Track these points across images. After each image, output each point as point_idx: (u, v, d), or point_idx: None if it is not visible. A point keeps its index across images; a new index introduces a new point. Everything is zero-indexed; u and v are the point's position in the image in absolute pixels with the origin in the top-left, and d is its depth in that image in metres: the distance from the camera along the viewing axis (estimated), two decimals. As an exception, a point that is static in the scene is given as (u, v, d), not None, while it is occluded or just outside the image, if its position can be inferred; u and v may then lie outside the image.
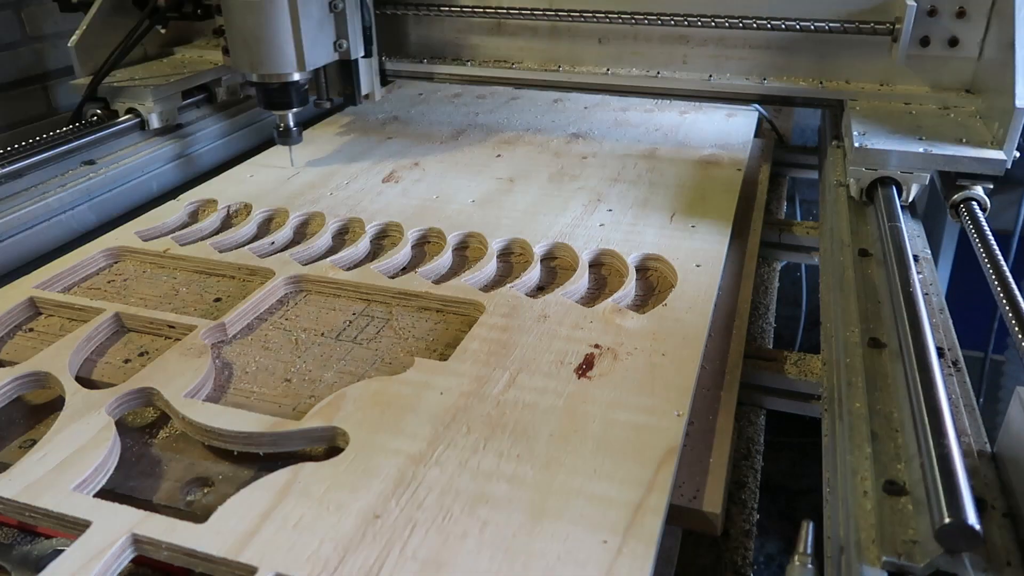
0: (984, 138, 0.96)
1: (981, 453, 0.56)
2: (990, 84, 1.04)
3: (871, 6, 1.12)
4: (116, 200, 1.18)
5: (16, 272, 0.99)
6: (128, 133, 1.27)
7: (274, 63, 1.09)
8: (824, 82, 1.19)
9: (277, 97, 1.15)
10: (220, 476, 0.64)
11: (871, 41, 1.13)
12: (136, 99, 1.26)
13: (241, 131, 1.44)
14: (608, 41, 1.29)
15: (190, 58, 1.45)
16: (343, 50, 1.19)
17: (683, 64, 1.27)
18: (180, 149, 1.31)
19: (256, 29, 1.06)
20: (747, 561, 0.62)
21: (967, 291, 1.49)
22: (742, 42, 1.22)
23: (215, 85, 1.41)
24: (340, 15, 1.16)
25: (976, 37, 1.08)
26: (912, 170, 0.93)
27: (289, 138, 1.20)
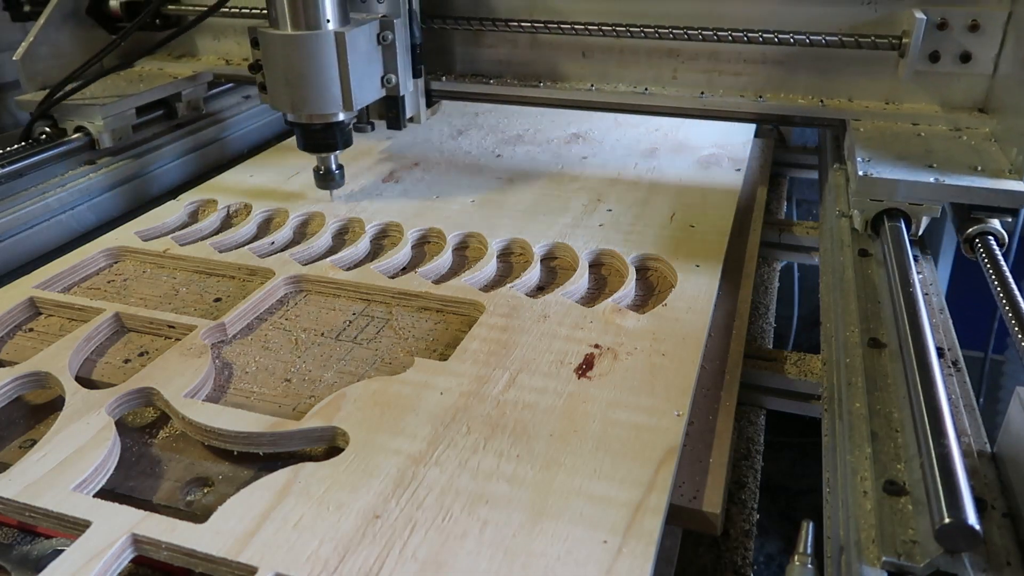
0: (1001, 166, 0.88)
1: (981, 453, 0.56)
2: (1006, 103, 0.96)
3: (876, 18, 1.04)
4: (116, 200, 1.17)
5: (16, 272, 0.99)
6: (77, 153, 1.17)
7: (318, 103, 0.99)
8: (825, 100, 1.10)
9: (320, 139, 1.03)
10: (220, 476, 0.64)
11: (876, 56, 1.05)
12: (85, 117, 1.17)
13: (202, 149, 1.34)
14: (592, 55, 1.20)
15: (149, 71, 1.35)
16: (391, 86, 1.08)
17: (673, 80, 1.18)
18: (133, 171, 1.20)
19: (299, 67, 0.96)
20: (747, 561, 0.62)
21: (967, 291, 1.49)
22: (736, 57, 1.13)
23: (175, 100, 1.32)
24: (388, 48, 1.05)
25: (990, 52, 0.99)
26: (922, 202, 0.85)
27: (332, 182, 1.09)
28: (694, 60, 1.16)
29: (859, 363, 0.66)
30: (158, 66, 1.38)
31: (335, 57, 0.97)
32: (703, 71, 1.17)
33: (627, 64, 1.20)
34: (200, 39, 1.42)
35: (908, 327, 0.65)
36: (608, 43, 1.19)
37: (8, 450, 0.67)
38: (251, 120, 1.47)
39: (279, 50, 0.97)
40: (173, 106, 1.33)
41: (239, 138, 1.43)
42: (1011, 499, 0.52)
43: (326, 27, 0.96)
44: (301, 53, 0.96)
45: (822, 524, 0.56)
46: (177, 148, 1.30)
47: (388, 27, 1.04)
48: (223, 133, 1.40)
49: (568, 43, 1.20)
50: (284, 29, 0.96)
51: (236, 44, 1.40)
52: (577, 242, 0.97)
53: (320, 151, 1.06)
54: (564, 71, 1.23)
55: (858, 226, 0.89)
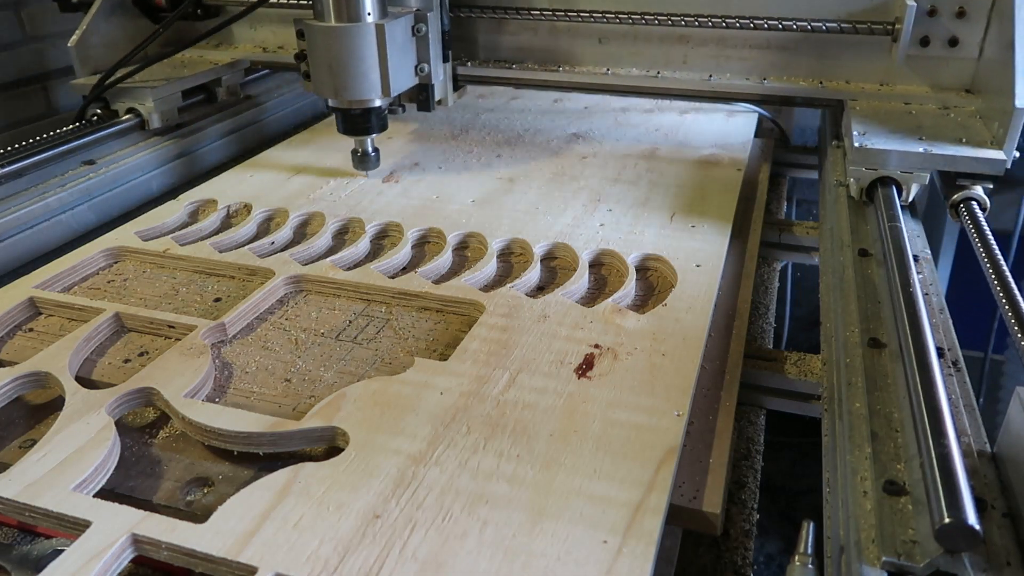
0: (984, 138, 0.96)
1: (981, 453, 0.56)
2: (990, 84, 1.04)
3: (871, 6, 1.12)
4: (116, 200, 1.18)
5: (16, 272, 0.99)
6: (128, 133, 1.27)
7: (359, 90, 1.07)
8: (824, 82, 1.19)
9: (358, 123, 1.12)
10: (220, 476, 0.64)
11: (871, 41, 1.13)
12: (136, 99, 1.26)
13: (241, 131, 1.44)
14: (608, 41, 1.28)
15: (191, 58, 1.46)
16: (424, 74, 1.17)
17: (683, 64, 1.27)
18: (180, 149, 1.31)
19: (342, 56, 1.04)
20: (747, 561, 0.62)
21: (967, 291, 1.49)
22: (742, 42, 1.22)
23: (215, 85, 1.42)
24: (422, 39, 1.15)
25: (976, 37, 1.08)
26: (912, 170, 0.93)
27: (368, 163, 1.18)
28: (703, 46, 1.25)
29: (859, 363, 0.66)
30: (198, 54, 1.48)
31: (375, 47, 1.05)
32: (711, 56, 1.25)
33: (640, 50, 1.28)
34: (237, 28, 1.52)
35: (908, 327, 0.65)
36: (623, 30, 1.27)
37: (8, 450, 0.67)
38: (287, 104, 1.58)
39: (323, 41, 1.05)
40: (213, 91, 1.42)
41: (275, 121, 1.54)
42: (1011, 499, 0.52)
43: (367, 19, 1.04)
44: (344, 44, 1.04)
45: (822, 524, 0.56)
46: (219, 129, 1.40)
47: (422, 20, 1.13)
48: (260, 116, 1.50)
49: (585, 30, 1.29)
50: (328, 21, 1.04)
51: (271, 33, 1.51)
52: (577, 242, 0.97)
53: (358, 134, 1.15)
54: (581, 56, 1.31)
55: (854, 193, 0.97)
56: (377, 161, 1.19)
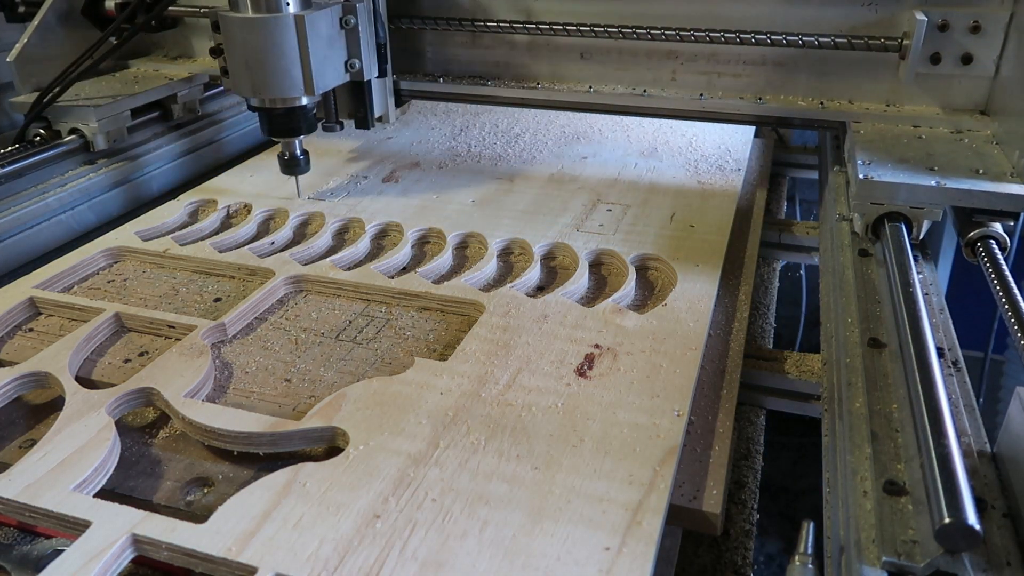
0: (1003, 168, 0.86)
1: (981, 453, 0.56)
2: (1008, 105, 0.95)
3: (877, 20, 1.03)
4: (113, 201, 1.17)
5: (16, 272, 0.99)
6: (73, 155, 1.16)
7: (279, 87, 0.99)
8: (825, 102, 1.09)
9: (282, 123, 1.04)
10: (220, 476, 0.64)
11: (876, 58, 1.05)
12: (79, 118, 1.15)
13: (198, 151, 1.33)
14: (591, 56, 1.19)
15: (144, 72, 1.34)
16: (355, 71, 1.08)
17: (672, 81, 1.17)
18: (127, 173, 1.20)
19: (258, 49, 0.96)
20: (747, 561, 0.62)
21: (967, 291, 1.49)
22: (736, 58, 1.13)
23: (170, 102, 1.31)
24: (352, 32, 1.05)
25: (992, 54, 0.99)
26: (923, 205, 0.84)
27: (296, 167, 1.09)
28: (693, 61, 1.16)
29: (859, 363, 0.66)
30: (153, 67, 1.37)
31: (295, 40, 0.97)
32: (702, 72, 1.16)
33: (626, 66, 1.19)
34: (196, 40, 1.41)
35: (908, 327, 0.65)
36: (607, 44, 1.18)
37: (8, 450, 0.67)
38: (248, 121, 1.46)
39: (239, 33, 0.97)
40: (169, 107, 1.32)
41: (236, 139, 1.43)
42: (1011, 499, 0.52)
43: (286, 10, 0.96)
44: (261, 36, 0.96)
45: (822, 524, 0.56)
46: (173, 150, 1.29)
47: (351, 11, 1.04)
48: (220, 135, 1.40)
49: (567, 45, 1.20)
50: (244, 12, 0.96)
51: None
52: (577, 242, 0.97)
53: (284, 136, 1.06)
54: (562, 73, 1.23)
55: (858, 230, 0.88)
56: (307, 165, 1.10)
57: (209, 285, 0.92)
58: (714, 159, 1.26)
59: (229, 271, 0.94)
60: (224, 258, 0.95)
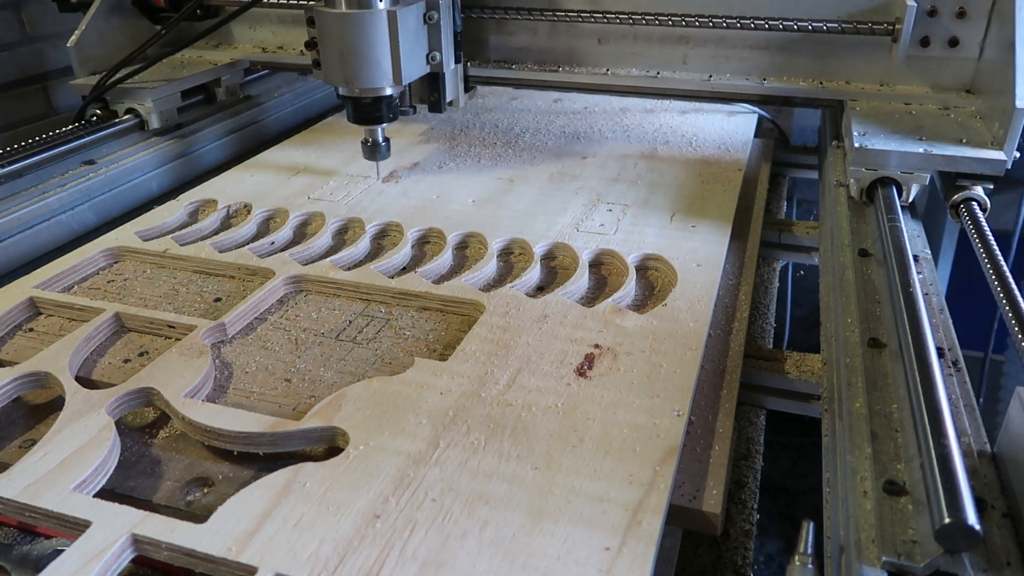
0: (984, 138, 0.96)
1: (981, 453, 0.56)
2: (990, 84, 1.04)
3: (871, 6, 1.12)
4: (116, 200, 1.18)
5: (16, 272, 0.99)
6: (128, 133, 1.27)
7: (370, 78, 1.05)
8: (824, 82, 1.19)
9: (369, 112, 1.10)
10: (220, 476, 0.64)
11: (871, 41, 1.13)
12: (135, 100, 1.27)
13: (240, 131, 1.44)
14: (608, 41, 1.29)
15: (190, 59, 1.45)
16: (435, 63, 1.16)
17: (683, 64, 1.27)
18: (180, 149, 1.30)
19: (353, 43, 1.02)
20: (747, 561, 0.62)
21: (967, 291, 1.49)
22: (742, 42, 1.22)
23: (214, 86, 1.42)
24: (434, 26, 1.13)
25: (976, 37, 1.08)
26: (912, 170, 0.93)
27: (378, 153, 1.16)
28: (703, 46, 1.25)
29: (859, 363, 0.66)
30: (197, 54, 1.48)
31: (387, 34, 1.04)
32: (711, 56, 1.25)
33: (641, 50, 1.28)
34: (236, 28, 1.51)
35: (908, 327, 0.65)
36: (623, 30, 1.27)
37: (8, 450, 0.67)
38: (285, 104, 1.57)
39: (334, 28, 1.03)
40: (213, 91, 1.43)
41: (275, 121, 1.54)
42: (1011, 499, 0.52)
43: (378, 6, 1.03)
44: (355, 31, 1.02)
45: (822, 524, 0.56)
46: (218, 130, 1.39)
47: (434, 7, 1.12)
48: (260, 116, 1.50)
49: (585, 30, 1.28)
50: (339, 8, 1.02)
51: (271, 33, 1.50)
52: (577, 242, 0.97)
53: (369, 123, 1.13)
54: (581, 57, 1.31)
55: (854, 194, 0.96)
56: (387, 151, 1.18)
57: (209, 285, 0.92)
58: (714, 159, 1.26)
59: (229, 271, 0.94)
60: (224, 258, 0.95)
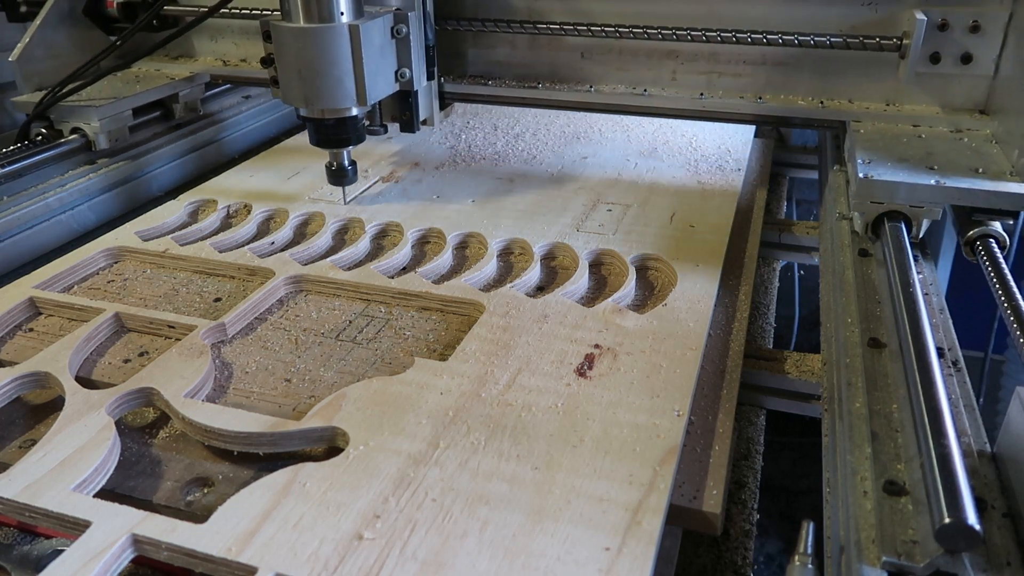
0: (1002, 168, 0.87)
1: (981, 453, 0.56)
2: (1007, 105, 0.96)
3: (876, 19, 1.03)
4: (114, 201, 1.17)
5: (16, 272, 0.99)
6: (74, 155, 1.17)
7: (332, 97, 0.97)
8: (825, 102, 1.10)
9: (333, 134, 1.03)
10: (220, 476, 0.64)
11: (876, 58, 1.05)
12: (81, 118, 1.16)
13: (199, 151, 1.34)
14: (591, 56, 1.20)
15: (146, 72, 1.35)
16: (405, 80, 1.07)
17: (672, 81, 1.18)
18: (128, 172, 1.20)
19: (313, 60, 0.95)
20: (747, 561, 0.62)
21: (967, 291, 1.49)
22: (736, 57, 1.13)
23: (172, 101, 1.32)
24: (403, 41, 1.04)
25: (991, 53, 0.99)
26: (923, 204, 0.84)
27: (344, 178, 1.08)
28: (693, 61, 1.16)
29: (859, 363, 0.66)
30: (155, 67, 1.38)
31: (349, 50, 0.96)
32: (703, 72, 1.16)
33: (626, 65, 1.19)
34: (197, 40, 1.42)
35: (908, 327, 0.65)
36: (607, 44, 1.18)
37: (8, 450, 0.67)
38: (249, 121, 1.47)
39: (292, 43, 0.95)
40: (170, 107, 1.33)
41: (237, 139, 1.43)
42: (1011, 499, 0.52)
43: (340, 20, 0.95)
44: (315, 46, 0.94)
45: (822, 524, 0.56)
46: (174, 149, 1.29)
47: (402, 20, 1.03)
48: (221, 134, 1.40)
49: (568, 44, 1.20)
50: (297, 22, 0.94)
51: (233, 45, 1.40)
52: (577, 242, 0.97)
53: (333, 147, 1.05)
54: (563, 73, 1.23)
55: (858, 229, 0.88)
56: (355, 176, 1.09)
57: (209, 285, 0.92)
58: (714, 159, 1.26)
59: (229, 271, 0.94)
60: (224, 258, 0.95)
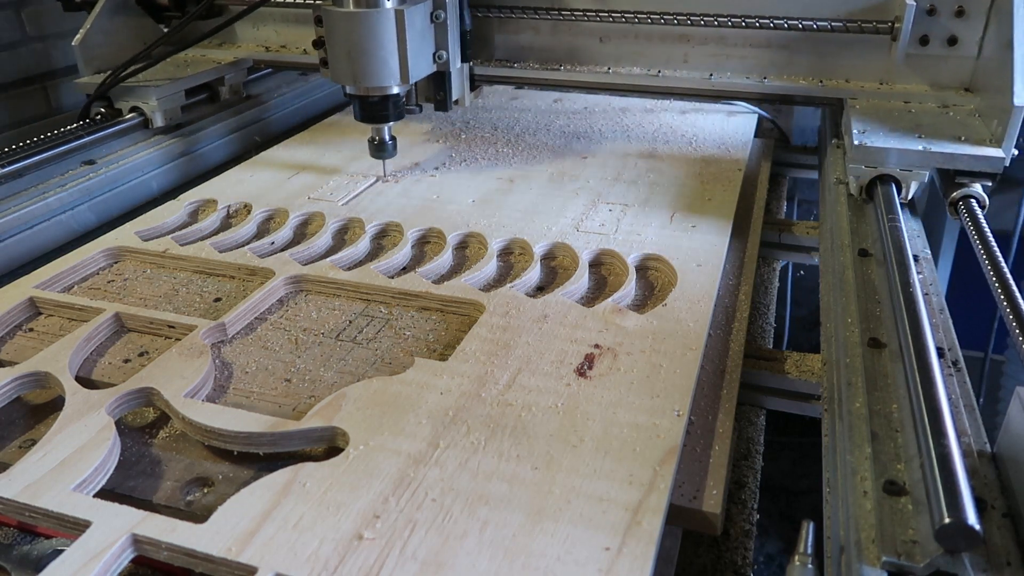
0: (983, 136, 0.96)
1: (981, 453, 0.56)
2: (989, 83, 1.05)
3: (871, 5, 1.13)
4: (116, 200, 1.18)
5: (16, 272, 0.99)
6: (132, 132, 1.28)
7: (377, 76, 1.06)
8: (824, 81, 1.20)
9: (376, 110, 1.11)
10: (220, 476, 0.64)
11: (871, 40, 1.14)
12: (140, 98, 1.27)
13: (244, 130, 1.45)
14: (609, 40, 1.30)
15: (194, 57, 1.47)
16: (442, 61, 1.16)
17: (684, 63, 1.28)
18: (183, 148, 1.31)
19: (361, 41, 1.03)
20: (747, 561, 0.62)
21: (967, 291, 1.49)
22: (743, 41, 1.23)
23: (218, 84, 1.43)
24: (441, 26, 1.14)
25: (975, 36, 1.09)
26: (911, 168, 0.94)
27: (384, 151, 1.17)
28: (703, 45, 1.26)
29: (859, 363, 0.66)
30: (201, 53, 1.49)
31: (394, 33, 1.05)
32: (712, 55, 1.26)
33: (642, 49, 1.29)
34: (240, 27, 1.53)
35: (908, 327, 0.65)
36: (624, 29, 1.29)
37: (8, 450, 0.67)
38: (288, 103, 1.58)
39: (342, 26, 1.04)
40: (216, 90, 1.44)
41: (279, 119, 1.55)
42: (1011, 499, 0.52)
43: (385, 5, 1.04)
44: (363, 29, 1.03)
45: (822, 524, 0.56)
46: (221, 128, 1.40)
47: (441, 6, 1.12)
48: (263, 115, 1.51)
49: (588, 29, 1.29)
50: (347, 7, 1.03)
51: (274, 32, 1.52)
52: (577, 242, 0.97)
53: (376, 122, 1.14)
54: (583, 56, 1.32)
55: (854, 191, 0.97)
56: (394, 150, 1.18)
57: (209, 285, 0.92)
58: (714, 159, 1.26)
59: (229, 271, 0.94)
60: (224, 258, 0.95)
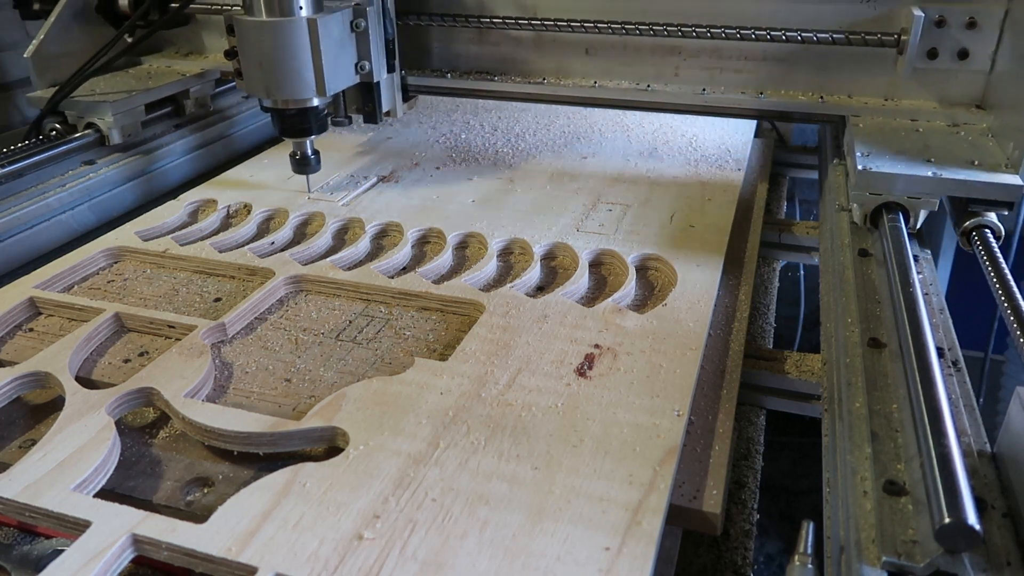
0: (998, 160, 0.89)
1: (981, 453, 0.56)
2: (1003, 99, 0.98)
3: (875, 16, 1.05)
4: (116, 200, 1.17)
5: (16, 272, 0.99)
6: (88, 149, 1.19)
7: (292, 88, 1.01)
8: (825, 96, 1.12)
9: (294, 124, 1.06)
10: (220, 476, 0.64)
11: (875, 53, 1.07)
12: (95, 113, 1.18)
13: (210, 146, 1.36)
14: (596, 52, 1.22)
15: (158, 68, 1.37)
16: (365, 72, 1.10)
17: (675, 77, 1.20)
18: (142, 166, 1.22)
19: (272, 52, 0.98)
20: (747, 561, 0.62)
21: (967, 291, 1.49)
22: (738, 53, 1.15)
23: (183, 97, 1.33)
24: (362, 34, 1.07)
25: (987, 49, 1.01)
26: (920, 195, 0.86)
27: (307, 167, 1.12)
28: (696, 57, 1.18)
29: (859, 363, 0.66)
30: (166, 63, 1.40)
31: (308, 43, 0.99)
32: (705, 68, 1.19)
33: (630, 61, 1.21)
34: (207, 36, 1.44)
35: (908, 327, 0.65)
36: (611, 40, 1.20)
37: (8, 450, 0.67)
38: (258, 117, 1.49)
39: (253, 36, 0.98)
40: (181, 103, 1.35)
41: (247, 134, 1.46)
42: (1011, 499, 0.52)
43: (299, 13, 0.98)
44: (274, 39, 0.98)
45: (822, 524, 0.56)
46: (185, 144, 1.32)
47: (361, 14, 1.06)
48: (231, 130, 1.42)
49: (571, 41, 1.22)
50: (258, 16, 0.98)
51: None
52: (577, 242, 0.97)
53: (295, 136, 1.08)
54: (569, 68, 1.25)
55: (857, 220, 0.90)
56: (318, 165, 1.12)
57: (209, 285, 0.92)
58: (714, 159, 1.26)
59: (229, 271, 0.94)
60: (224, 258, 0.95)
